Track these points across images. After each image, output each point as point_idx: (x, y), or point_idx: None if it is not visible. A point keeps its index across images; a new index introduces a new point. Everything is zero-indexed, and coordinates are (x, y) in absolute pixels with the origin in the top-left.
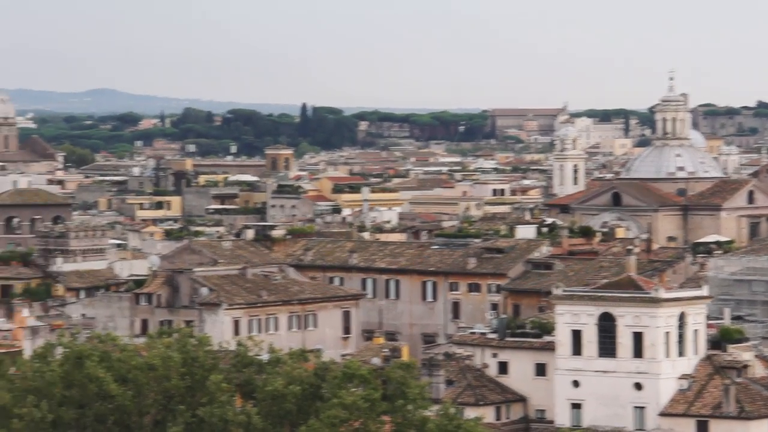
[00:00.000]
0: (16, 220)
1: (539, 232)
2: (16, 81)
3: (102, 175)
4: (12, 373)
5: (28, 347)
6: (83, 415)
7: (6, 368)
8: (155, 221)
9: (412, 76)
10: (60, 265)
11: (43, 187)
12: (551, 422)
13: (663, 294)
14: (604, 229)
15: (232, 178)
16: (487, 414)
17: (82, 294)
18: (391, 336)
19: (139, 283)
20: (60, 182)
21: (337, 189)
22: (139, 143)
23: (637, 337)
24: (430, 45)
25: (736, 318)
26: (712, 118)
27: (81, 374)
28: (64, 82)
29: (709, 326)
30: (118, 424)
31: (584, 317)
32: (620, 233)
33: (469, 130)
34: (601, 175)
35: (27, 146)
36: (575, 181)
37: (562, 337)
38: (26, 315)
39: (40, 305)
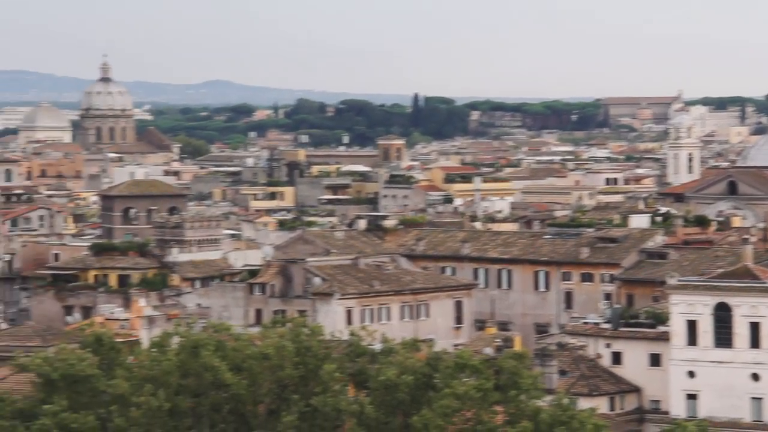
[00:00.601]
0: (133, 210)
1: (653, 222)
2: (134, 74)
3: (216, 166)
4: (130, 362)
5: (144, 336)
6: (199, 403)
7: (124, 357)
8: (269, 212)
9: (524, 65)
10: (176, 255)
11: (159, 178)
12: (666, 413)
13: None
14: (720, 218)
15: (345, 168)
16: (601, 405)
17: (198, 284)
18: (503, 326)
19: (253, 273)
20: (176, 173)
21: (449, 179)
22: (253, 134)
23: (754, 327)
24: (542, 33)
25: None
26: None
27: (197, 363)
28: (181, 74)
29: None
30: (233, 412)
31: (699, 307)
32: (736, 222)
33: (581, 119)
34: (716, 164)
35: (144, 138)
36: (690, 169)
37: (676, 327)
38: (143, 305)
39: (157, 295)
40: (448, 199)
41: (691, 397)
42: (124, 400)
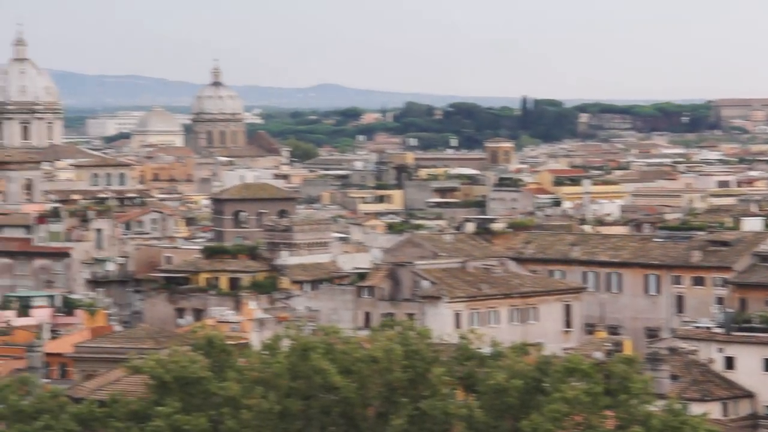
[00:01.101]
0: (243, 214)
1: (766, 225)
2: (245, 78)
3: (325, 169)
4: (240, 364)
5: (255, 339)
6: (309, 406)
7: (235, 360)
8: (377, 215)
9: (634, 66)
10: (285, 258)
11: (269, 181)
12: None
13: None
14: None
15: (453, 171)
16: (714, 410)
17: (307, 287)
18: (613, 330)
19: (362, 276)
20: (285, 176)
21: (558, 182)
22: (361, 137)
23: None
24: (652, 35)
25: None
26: None
27: (307, 366)
28: (291, 79)
29: None
30: (343, 415)
31: None
32: None
33: (692, 121)
34: None
35: (254, 141)
36: None
37: None
38: (253, 307)
39: (267, 298)
40: (557, 202)
41: None
42: (235, 402)
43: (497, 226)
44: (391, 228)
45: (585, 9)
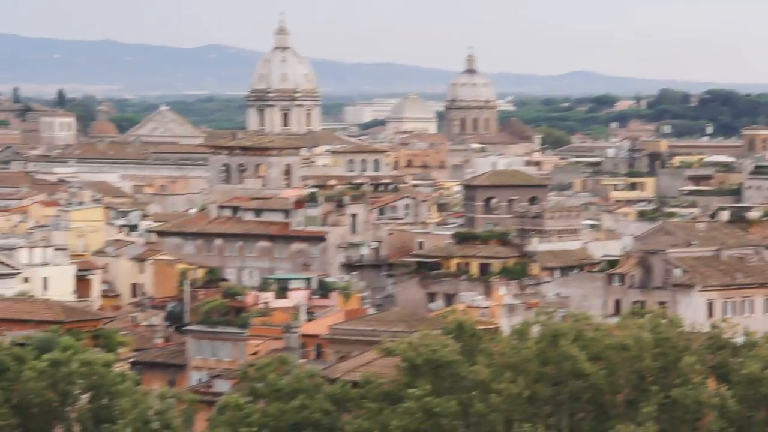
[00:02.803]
0: (494, 200)
1: None
2: (498, 65)
3: (577, 156)
4: (491, 349)
5: (505, 324)
6: (558, 392)
7: (485, 344)
8: (629, 202)
9: None
10: (536, 244)
11: (520, 168)
12: None
13: None
14: None
15: (708, 159)
16: None
17: (557, 273)
18: None
19: (612, 263)
20: (537, 163)
21: None
22: (614, 125)
23: None
24: None
25: None
26: None
27: (556, 352)
28: (544, 66)
29: None
30: (592, 401)
31: None
32: None
33: None
34: None
35: (506, 128)
36: None
37: None
38: (503, 293)
39: (517, 284)
40: None
41: None
42: (484, 386)
43: (753, 215)
44: (643, 215)
45: None
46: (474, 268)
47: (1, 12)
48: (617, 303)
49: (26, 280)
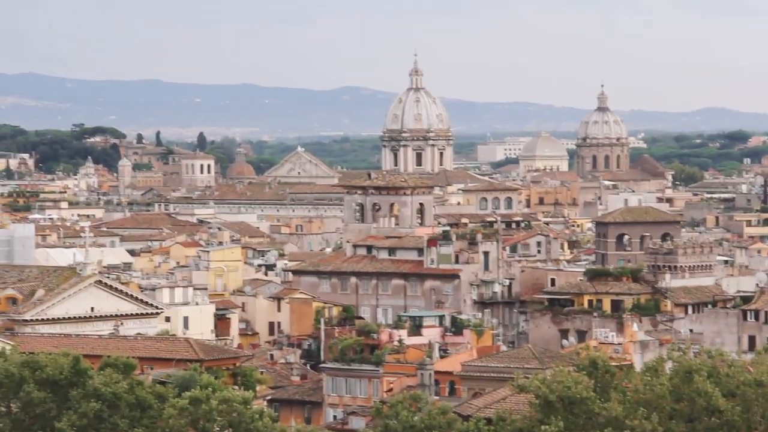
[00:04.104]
0: (626, 237)
1: None
2: (630, 103)
3: (710, 192)
4: (624, 385)
5: (637, 361)
6: (692, 429)
7: (618, 381)
8: (762, 238)
9: None
10: (668, 281)
11: (653, 204)
12: None
13: None
14: None
15: None
16: None
17: (690, 310)
18: None
19: (746, 299)
20: (669, 200)
21: None
22: (747, 161)
23: None
24: None
25: None
26: None
27: (690, 389)
28: (676, 102)
29: None
30: None
31: None
32: None
33: None
34: None
35: (638, 165)
36: None
37: None
38: (636, 329)
39: (649, 320)
40: None
41: None
42: (618, 423)
43: None
44: None
45: None
46: (606, 304)
47: (146, 59)
48: (751, 339)
49: (167, 319)
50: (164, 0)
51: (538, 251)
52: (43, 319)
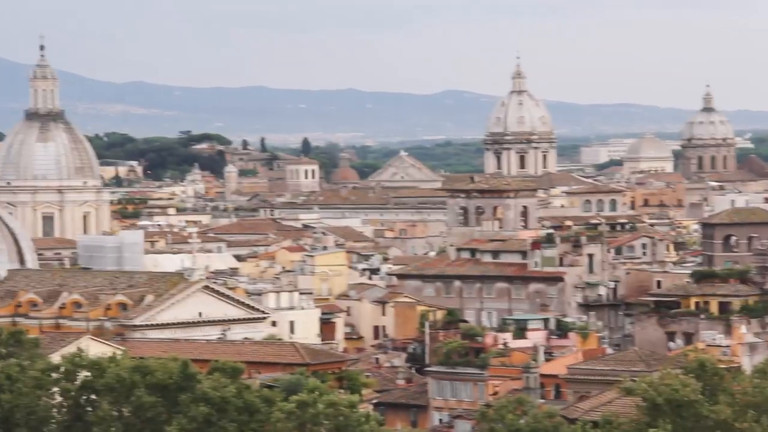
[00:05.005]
0: (733, 238)
1: None
2: (736, 102)
3: None
4: (732, 388)
5: (746, 363)
6: None
7: (727, 383)
8: None
9: None
10: None
11: (760, 205)
12: None
13: None
14: None
15: None
16: None
17: None
18: None
19: None
20: None
21: None
22: None
23: None
24: None
25: None
26: None
27: None
28: None
29: None
30: None
31: None
32: None
33: None
34: None
35: (745, 166)
36: None
37: None
38: (744, 332)
39: (758, 322)
40: None
41: None
42: (727, 426)
43: None
44: None
45: None
46: (713, 306)
47: (251, 66)
48: None
49: (274, 323)
50: (269, 9)
51: (644, 253)
52: (152, 324)
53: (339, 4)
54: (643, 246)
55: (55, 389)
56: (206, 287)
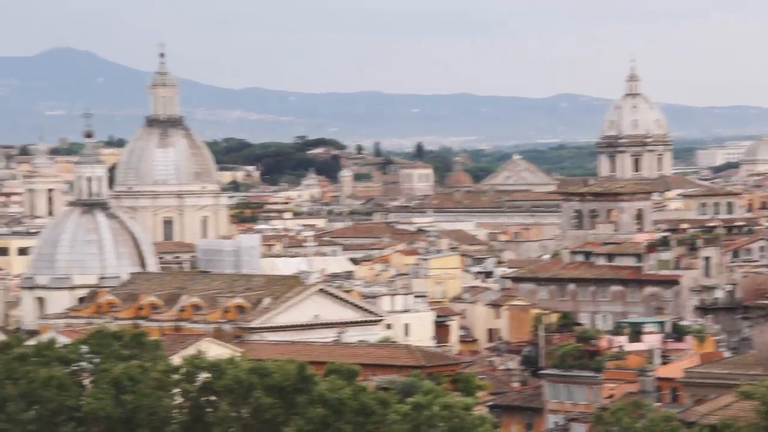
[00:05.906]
0: None
1: None
2: None
3: None
4: None
5: None
6: None
7: None
8: None
9: None
10: None
11: None
12: None
13: None
14: None
15: None
16: None
17: None
18: None
19: None
20: None
21: None
22: None
23: None
24: None
25: None
26: None
27: None
28: None
29: None
30: None
31: None
32: None
33: None
34: None
35: None
36: None
37: None
38: None
39: None
40: None
41: None
42: None
43: None
44: None
45: None
46: None
47: (366, 71)
48: None
49: (389, 326)
50: (381, 13)
51: (762, 256)
52: (269, 327)
53: (452, 9)
54: (761, 249)
55: (176, 390)
56: (322, 290)
